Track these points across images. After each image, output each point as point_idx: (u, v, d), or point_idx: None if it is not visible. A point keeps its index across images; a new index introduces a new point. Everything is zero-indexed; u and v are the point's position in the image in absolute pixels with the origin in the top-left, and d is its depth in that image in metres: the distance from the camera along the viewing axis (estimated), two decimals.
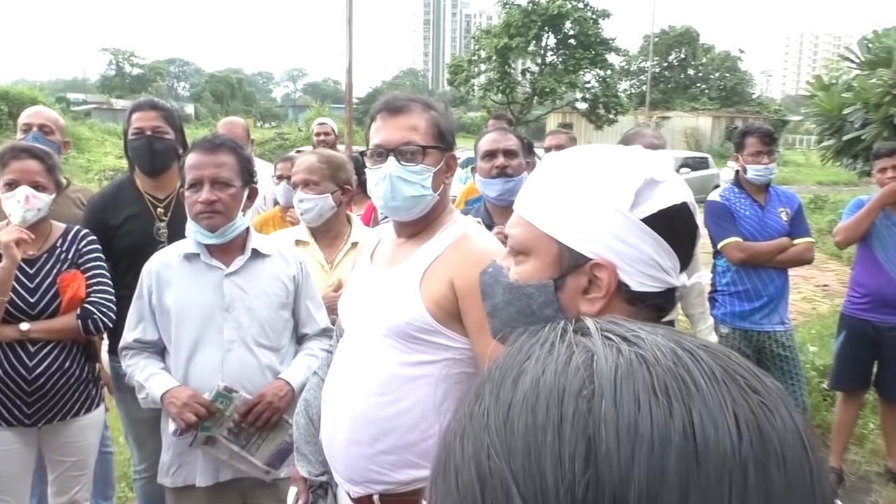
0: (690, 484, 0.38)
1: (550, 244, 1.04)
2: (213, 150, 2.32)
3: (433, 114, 1.82)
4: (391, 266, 1.86)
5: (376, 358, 1.78)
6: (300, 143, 26.28)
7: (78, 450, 2.80)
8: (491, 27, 39.10)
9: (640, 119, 39.95)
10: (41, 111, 3.56)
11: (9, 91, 23.98)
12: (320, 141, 5.52)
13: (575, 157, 1.08)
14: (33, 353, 2.61)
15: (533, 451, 0.40)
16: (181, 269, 2.38)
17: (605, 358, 0.43)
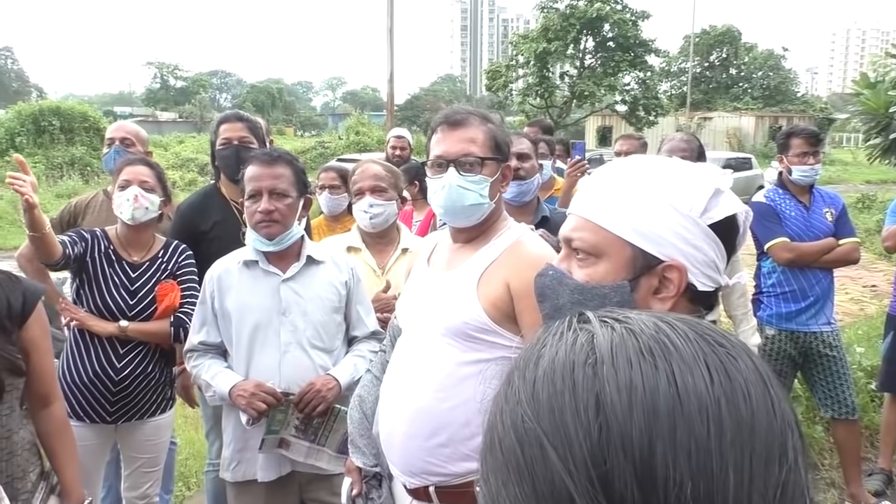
0: (677, 418, 0.49)
1: (624, 247, 1.12)
2: (270, 163, 2.46)
3: (490, 126, 1.93)
4: (449, 269, 1.97)
5: (435, 356, 1.88)
6: (340, 151, 26.58)
7: (152, 448, 2.97)
8: (529, 32, 39.03)
9: (680, 120, 39.48)
10: (123, 125, 3.74)
11: (60, 106, 24.68)
12: (396, 154, 5.46)
13: (646, 165, 1.17)
14: (122, 355, 2.80)
15: (556, 410, 0.51)
16: (241, 275, 2.53)
17: (602, 334, 0.55)
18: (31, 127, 22.58)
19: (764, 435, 0.51)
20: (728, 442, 0.49)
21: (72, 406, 2.78)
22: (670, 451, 0.48)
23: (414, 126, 53.05)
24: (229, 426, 2.59)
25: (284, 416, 2.42)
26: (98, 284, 2.78)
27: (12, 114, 23.84)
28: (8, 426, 1.95)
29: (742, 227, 1.18)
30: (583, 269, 1.15)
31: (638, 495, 0.47)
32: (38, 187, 2.60)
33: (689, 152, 3.44)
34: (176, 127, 46.53)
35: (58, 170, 21.01)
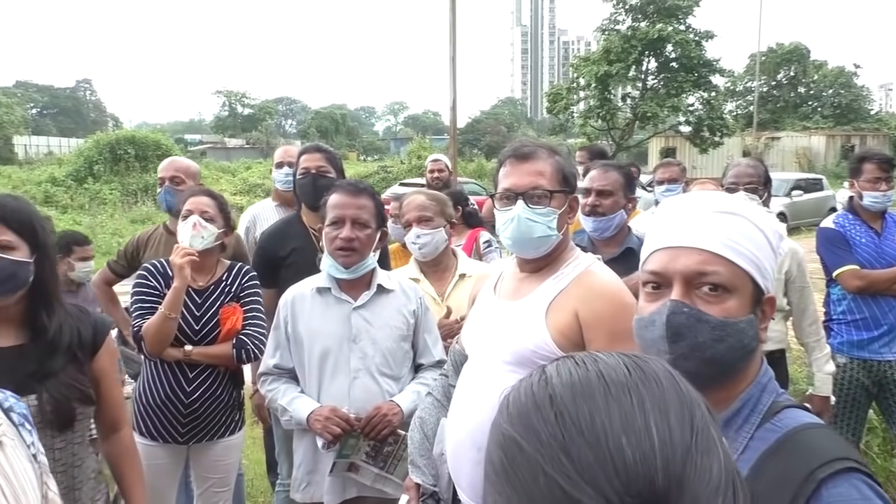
0: (609, 398, 0.65)
1: (747, 282, 1.18)
2: (355, 194, 2.56)
3: (558, 159, 1.97)
4: (516, 298, 2.00)
5: (501, 383, 1.89)
6: (402, 176, 26.88)
7: (222, 468, 3.05)
8: (590, 54, 38.90)
9: (747, 140, 38.64)
10: (173, 163, 3.88)
11: (135, 135, 25.74)
12: (435, 178, 5.60)
13: (741, 203, 1.24)
14: (191, 379, 2.89)
15: (524, 416, 0.71)
16: (313, 302, 2.61)
17: (551, 367, 0.73)
18: (108, 155, 23.60)
19: (675, 404, 0.66)
20: (648, 407, 0.65)
21: (147, 426, 2.89)
22: (606, 419, 0.63)
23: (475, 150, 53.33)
24: (300, 448, 2.66)
25: (356, 442, 2.48)
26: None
27: (91, 143, 25.01)
28: (79, 454, 2.04)
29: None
30: (715, 304, 1.16)
31: (590, 455, 0.62)
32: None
33: (756, 178, 3.39)
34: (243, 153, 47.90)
35: (132, 196, 21.89)
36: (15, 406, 1.39)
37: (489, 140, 61.03)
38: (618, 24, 35.35)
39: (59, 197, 21.16)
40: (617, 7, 35.03)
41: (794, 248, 3.34)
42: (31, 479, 1.31)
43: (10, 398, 1.40)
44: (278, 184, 4.13)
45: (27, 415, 1.41)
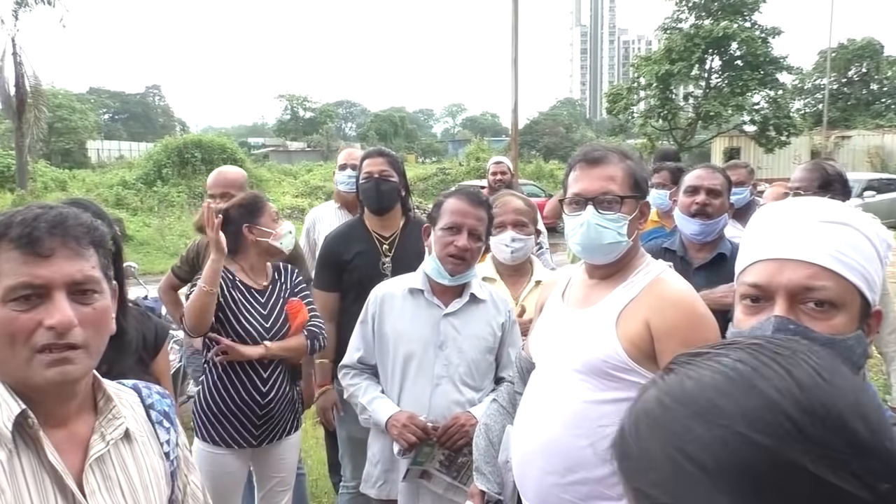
0: (821, 392, 0.62)
1: (855, 296, 1.12)
2: (476, 204, 2.52)
3: (629, 163, 1.93)
4: (585, 306, 1.96)
5: (570, 393, 1.87)
6: (461, 178, 26.88)
7: (285, 466, 3.10)
8: (651, 53, 38.25)
9: (815, 140, 37.40)
10: (220, 177, 3.90)
11: (201, 139, 26.49)
12: (497, 180, 5.53)
13: (850, 212, 1.18)
14: (265, 379, 2.93)
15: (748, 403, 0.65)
16: (404, 302, 2.60)
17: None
18: (175, 159, 24.31)
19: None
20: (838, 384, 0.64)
21: (216, 433, 2.91)
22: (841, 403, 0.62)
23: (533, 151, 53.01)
24: (376, 445, 2.67)
25: (431, 450, 2.47)
26: (235, 314, 2.91)
27: (160, 147, 25.83)
28: None
29: None
30: (821, 321, 1.11)
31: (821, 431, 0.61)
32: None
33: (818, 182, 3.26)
34: (305, 156, 48.69)
35: (199, 199, 22.44)
36: (157, 403, 1.43)
37: (547, 141, 60.63)
38: (680, 22, 34.68)
39: (130, 200, 21.87)
40: (679, 5, 34.36)
41: None
42: (159, 476, 1.35)
43: (155, 394, 1.44)
44: (341, 185, 4.14)
45: (169, 412, 1.44)
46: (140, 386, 1.45)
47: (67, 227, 1.19)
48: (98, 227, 1.27)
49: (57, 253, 1.17)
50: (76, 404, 1.26)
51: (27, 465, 1.17)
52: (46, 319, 1.15)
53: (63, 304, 1.16)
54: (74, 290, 1.19)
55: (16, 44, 19.92)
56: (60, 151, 36.31)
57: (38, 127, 21.05)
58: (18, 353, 1.15)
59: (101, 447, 1.26)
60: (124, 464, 1.30)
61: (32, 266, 1.15)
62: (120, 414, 1.31)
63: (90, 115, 46.39)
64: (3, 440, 1.15)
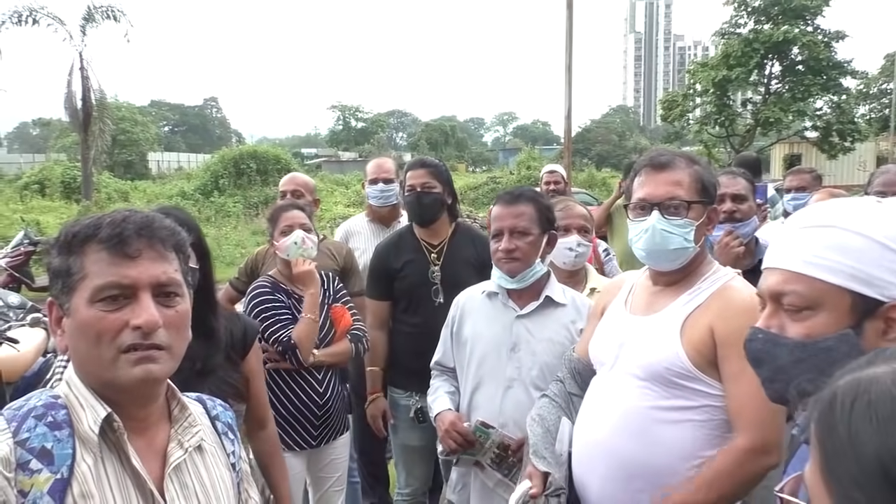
0: None
1: (841, 295, 1.08)
2: (512, 202, 2.49)
3: (696, 168, 1.89)
4: (649, 313, 1.92)
5: (633, 400, 1.85)
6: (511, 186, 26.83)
7: (339, 466, 3.15)
8: (708, 59, 37.67)
9: (881, 146, 36.21)
10: (294, 178, 4.02)
11: (257, 150, 27.01)
12: (550, 190, 5.52)
13: (847, 208, 1.13)
14: (320, 380, 3.00)
15: None
16: (482, 305, 2.60)
17: None
18: (231, 170, 24.84)
19: None
20: None
21: (281, 438, 2.90)
22: None
23: (585, 159, 52.64)
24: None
25: (482, 446, 2.44)
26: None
27: (216, 158, 26.45)
28: None
29: None
30: (799, 323, 1.12)
31: None
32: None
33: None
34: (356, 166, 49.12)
35: (254, 209, 22.91)
36: (221, 415, 1.45)
37: (599, 149, 60.15)
38: (739, 27, 34.04)
39: (188, 210, 22.39)
40: (738, 10, 33.74)
41: None
42: (228, 486, 1.37)
43: (219, 406, 1.47)
44: (372, 200, 4.06)
45: (232, 424, 1.47)
46: (204, 398, 1.47)
47: (154, 229, 1.22)
48: (180, 231, 1.29)
49: (144, 254, 1.20)
50: (155, 410, 1.28)
51: (111, 470, 1.18)
52: (133, 319, 1.17)
53: (149, 305, 1.18)
54: (158, 291, 1.21)
55: (83, 58, 20.62)
56: (123, 163, 37.40)
57: (102, 139, 21.72)
58: (104, 352, 1.17)
59: (179, 454, 1.27)
60: (199, 473, 1.31)
61: (121, 266, 1.18)
62: (196, 422, 1.33)
63: (151, 128, 47.79)
64: (90, 444, 1.16)
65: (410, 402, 3.15)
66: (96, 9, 20.64)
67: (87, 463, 1.15)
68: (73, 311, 1.18)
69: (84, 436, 1.16)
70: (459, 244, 3.25)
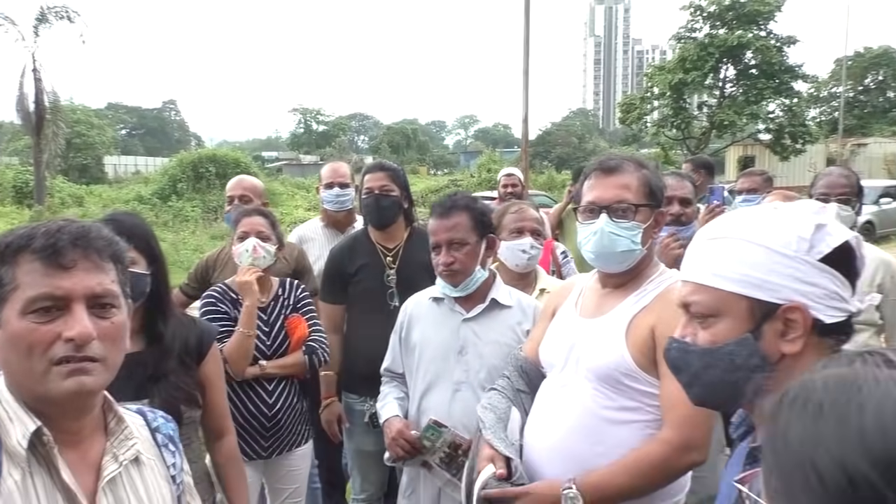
0: None
1: (739, 302, 1.13)
2: (445, 214, 2.51)
3: (644, 172, 1.93)
4: (597, 315, 1.96)
5: (581, 400, 1.89)
6: (472, 189, 26.85)
7: (296, 477, 3.11)
8: (665, 63, 38.25)
9: (831, 147, 37.14)
10: (242, 182, 3.93)
11: (216, 154, 26.66)
12: (507, 192, 5.55)
13: (742, 219, 1.18)
14: (271, 391, 2.96)
15: (892, 460, 0.60)
16: (429, 311, 2.62)
17: None
18: (190, 173, 24.50)
19: None
20: None
21: None
22: None
23: (545, 161, 53.02)
24: None
25: (432, 445, 2.45)
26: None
27: (175, 162, 26.06)
28: (186, 457, 2.09)
29: (857, 251, 1.16)
30: (706, 330, 1.18)
31: None
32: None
33: (849, 188, 3.23)
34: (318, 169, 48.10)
35: (213, 213, 22.62)
36: (162, 427, 1.43)
37: (559, 152, 60.61)
38: (695, 31, 34.62)
39: (146, 214, 21.95)
40: (694, 15, 34.33)
41: (886, 259, 3.18)
42: (167, 500, 1.34)
43: (160, 418, 1.44)
44: (327, 204, 4.00)
45: (174, 436, 1.44)
46: (145, 410, 1.45)
47: (90, 239, 1.20)
48: (118, 241, 1.27)
49: (79, 265, 1.17)
50: (89, 423, 1.25)
51: (40, 485, 1.15)
52: (66, 331, 1.14)
53: (83, 317, 1.16)
54: (94, 303, 1.18)
55: (35, 60, 20.22)
56: (78, 167, 36.60)
57: (56, 143, 21.30)
58: (36, 365, 1.14)
59: (114, 468, 1.25)
60: (135, 486, 1.29)
61: (54, 278, 1.15)
62: (132, 435, 1.30)
63: (108, 131, 46.87)
64: (17, 459, 1.14)
65: (365, 406, 3.13)
66: (49, 9, 20.28)
67: (14, 478, 1.12)
68: (4, 322, 1.15)
69: (11, 450, 1.14)
70: (415, 248, 3.23)
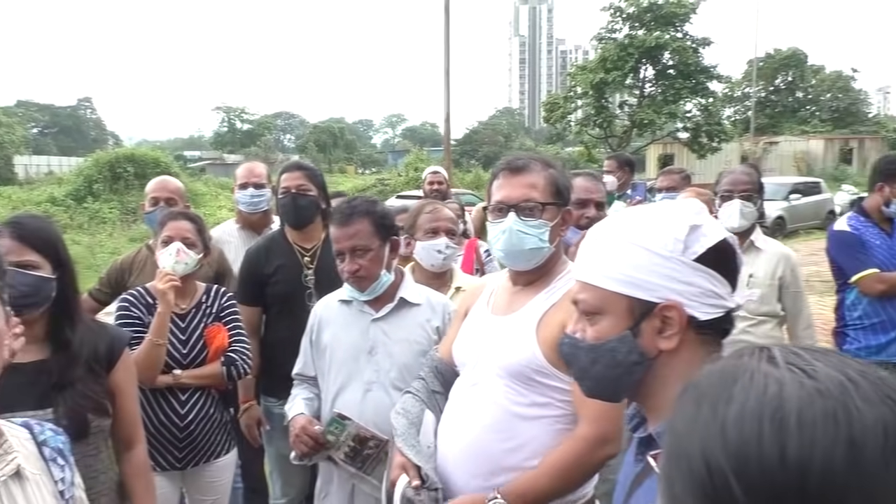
0: (850, 472, 0.59)
1: (619, 300, 1.18)
2: (345, 222, 2.49)
3: (551, 172, 1.97)
4: (508, 312, 1.99)
5: (493, 398, 1.92)
6: (400, 188, 26.87)
7: (217, 488, 3.03)
8: (587, 63, 39.08)
9: (745, 146, 38.71)
10: (166, 183, 3.79)
11: (134, 153, 25.75)
12: (433, 190, 5.58)
13: (620, 222, 1.24)
14: (184, 401, 2.87)
15: (744, 456, 0.62)
16: (339, 312, 2.61)
17: (791, 390, 0.63)
18: (107, 174, 23.59)
19: None
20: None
21: None
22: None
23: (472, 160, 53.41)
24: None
25: (336, 439, 2.44)
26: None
27: (91, 162, 25.01)
28: (94, 467, 2.04)
29: (734, 250, 1.21)
30: (592, 327, 1.23)
31: None
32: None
33: (750, 185, 3.37)
34: None
35: (131, 215, 21.91)
36: (50, 440, 1.37)
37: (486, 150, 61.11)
38: (615, 32, 35.51)
39: (59, 216, 21.07)
40: (614, 16, 35.20)
41: (786, 253, 3.35)
42: None
43: (48, 431, 1.39)
44: (242, 206, 3.89)
45: (63, 450, 1.39)
46: (31, 423, 1.39)
47: None
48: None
49: None
50: None
51: None
52: None
53: None
54: None
55: None
56: None
57: None
58: None
59: None
60: (15, 502, 1.24)
61: None
62: (12, 449, 1.26)
63: (17, 130, 44.71)
64: None
65: (284, 409, 3.10)
66: None
67: None
68: None
69: None
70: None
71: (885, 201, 3.57)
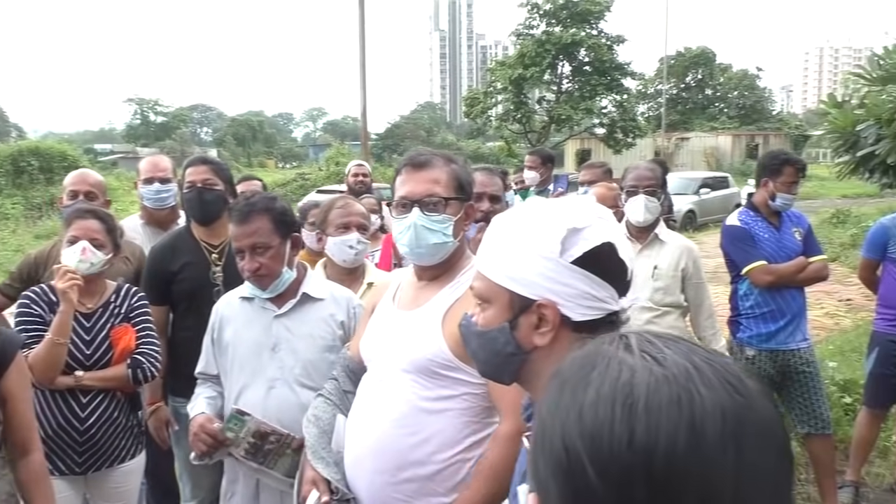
0: (691, 455, 0.62)
1: (503, 292, 1.23)
2: (244, 220, 2.45)
3: (454, 167, 2.00)
4: (414, 307, 2.01)
5: (399, 392, 1.92)
6: (321, 183, 26.53)
7: (123, 494, 2.92)
8: (506, 58, 39.53)
9: (658, 141, 39.96)
10: (86, 177, 3.67)
11: (39, 146, 24.58)
12: (358, 182, 5.58)
13: (514, 216, 1.28)
14: (85, 404, 2.75)
15: (597, 438, 0.64)
16: (240, 310, 2.58)
17: (641, 376, 0.67)
18: (9, 168, 22.48)
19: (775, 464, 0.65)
20: (745, 475, 0.63)
21: None
22: (694, 489, 0.62)
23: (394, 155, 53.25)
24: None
25: (236, 436, 2.41)
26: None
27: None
28: None
29: (616, 254, 1.23)
30: (482, 314, 1.28)
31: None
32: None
33: (654, 180, 3.49)
34: None
35: (37, 210, 20.92)
36: None
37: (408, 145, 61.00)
38: (532, 28, 36.05)
39: None
40: (531, 12, 35.70)
41: (688, 245, 3.50)
42: None
43: None
44: (147, 201, 3.76)
45: None
46: None
47: None
48: None
49: None
50: None
51: None
52: None
53: None
54: None
55: None
56: None
57: None
58: None
59: None
60: None
61: None
62: None
63: None
64: None
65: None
66: None
67: None
68: None
69: None
70: None
71: (770, 196, 3.78)
